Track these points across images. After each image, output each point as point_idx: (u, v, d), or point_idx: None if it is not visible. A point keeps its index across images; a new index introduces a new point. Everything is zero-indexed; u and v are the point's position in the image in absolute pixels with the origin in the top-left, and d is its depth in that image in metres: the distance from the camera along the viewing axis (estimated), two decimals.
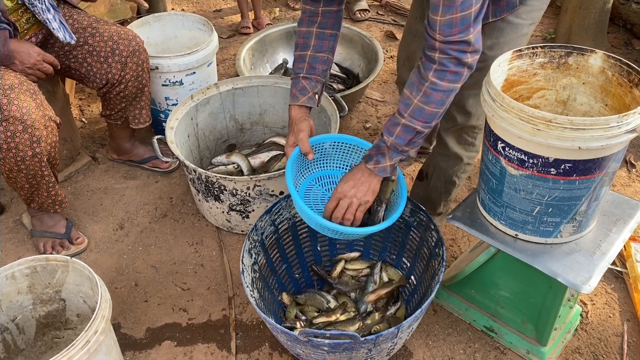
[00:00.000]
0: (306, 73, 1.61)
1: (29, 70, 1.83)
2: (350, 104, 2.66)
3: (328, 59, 1.62)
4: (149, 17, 2.56)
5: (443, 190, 1.89)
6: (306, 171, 1.67)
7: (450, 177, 1.85)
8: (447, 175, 1.85)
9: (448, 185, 1.88)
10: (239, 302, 1.88)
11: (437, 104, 1.35)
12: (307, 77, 1.61)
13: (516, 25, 1.52)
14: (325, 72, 1.63)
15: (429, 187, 1.91)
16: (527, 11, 1.51)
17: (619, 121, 1.19)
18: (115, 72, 2.04)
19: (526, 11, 1.51)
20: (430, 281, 1.61)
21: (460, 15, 1.24)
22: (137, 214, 2.23)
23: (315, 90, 1.61)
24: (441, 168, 1.84)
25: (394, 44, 3.31)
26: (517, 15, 1.50)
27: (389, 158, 1.43)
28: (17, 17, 1.85)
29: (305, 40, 1.60)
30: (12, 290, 1.52)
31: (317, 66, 1.60)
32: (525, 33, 1.55)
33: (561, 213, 1.37)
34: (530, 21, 1.54)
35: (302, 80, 1.61)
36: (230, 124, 2.41)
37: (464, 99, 1.65)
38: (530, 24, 1.55)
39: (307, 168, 1.67)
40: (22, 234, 2.13)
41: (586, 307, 1.81)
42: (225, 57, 3.25)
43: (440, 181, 1.87)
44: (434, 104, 1.35)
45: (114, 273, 1.99)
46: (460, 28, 1.25)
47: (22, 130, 1.69)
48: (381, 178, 1.47)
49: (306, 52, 1.60)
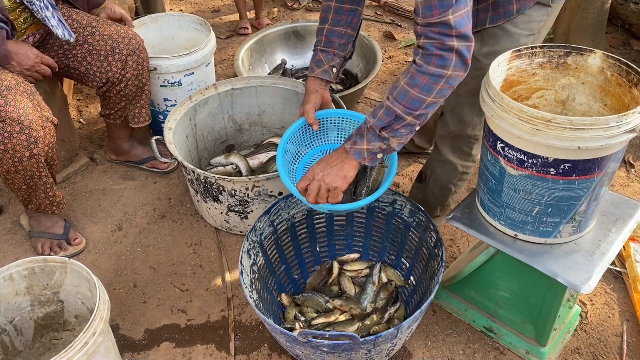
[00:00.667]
0: (323, 46, 1.64)
1: (27, 72, 1.82)
2: (349, 104, 2.65)
3: (346, 33, 1.63)
4: (146, 18, 2.55)
5: (439, 194, 1.88)
6: (313, 142, 1.72)
7: (445, 183, 1.83)
8: (443, 181, 1.83)
9: (444, 191, 1.86)
10: (238, 303, 1.88)
11: (422, 89, 1.29)
12: (324, 50, 1.64)
13: (513, 34, 1.50)
14: (344, 46, 1.65)
15: (426, 190, 1.91)
16: (525, 21, 1.49)
17: (618, 121, 1.19)
18: (115, 71, 2.03)
19: (524, 21, 1.49)
20: (429, 282, 1.61)
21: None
22: (136, 214, 2.22)
23: (331, 63, 1.64)
24: (437, 174, 1.83)
25: (393, 45, 3.31)
26: (515, 24, 1.49)
27: (367, 141, 1.38)
28: (15, 16, 1.84)
29: (325, 14, 1.63)
30: (10, 292, 1.52)
31: (334, 40, 1.63)
32: (523, 43, 1.52)
33: (560, 213, 1.36)
34: (528, 32, 1.52)
35: (319, 53, 1.65)
36: (228, 125, 2.41)
37: (459, 106, 1.63)
38: (528, 34, 1.52)
39: (315, 139, 1.71)
40: (20, 235, 2.12)
41: (585, 307, 1.81)
42: (223, 58, 3.25)
43: (437, 186, 1.86)
44: (418, 88, 1.29)
45: (112, 274, 1.98)
46: (439, 10, 1.22)
47: (19, 132, 1.68)
48: (356, 163, 1.40)
49: (324, 25, 1.64)
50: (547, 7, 1.50)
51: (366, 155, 1.39)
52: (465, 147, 1.73)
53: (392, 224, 1.79)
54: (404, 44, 3.29)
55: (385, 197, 1.76)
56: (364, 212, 1.81)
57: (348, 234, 1.88)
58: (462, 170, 1.80)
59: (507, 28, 1.50)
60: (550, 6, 1.50)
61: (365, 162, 1.41)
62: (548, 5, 1.50)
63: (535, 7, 1.48)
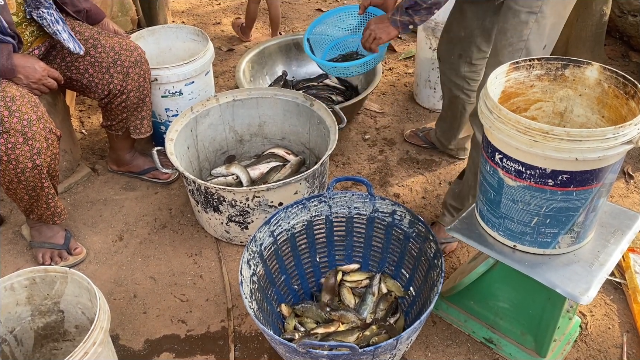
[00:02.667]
0: None
1: (34, 85, 1.84)
2: (349, 116, 2.67)
3: None
4: (143, 31, 2.58)
5: (473, 182, 1.90)
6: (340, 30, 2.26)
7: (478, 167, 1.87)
8: (477, 164, 1.85)
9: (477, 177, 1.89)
10: (238, 313, 1.88)
11: None
12: None
13: (515, 11, 1.64)
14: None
15: (462, 181, 1.97)
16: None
17: (615, 132, 1.20)
18: (117, 83, 2.05)
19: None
20: (429, 292, 1.61)
21: None
22: (137, 225, 2.23)
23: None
24: (472, 157, 1.88)
25: (393, 57, 3.33)
26: (515, 2, 1.64)
27: (400, 14, 1.80)
28: (22, 30, 1.87)
29: None
30: (10, 302, 1.52)
31: None
32: (525, 21, 1.62)
33: (559, 224, 1.37)
34: (527, 9, 1.61)
35: None
36: (229, 136, 2.42)
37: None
38: (529, 12, 1.61)
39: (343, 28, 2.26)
40: (21, 245, 2.13)
41: (585, 319, 1.81)
42: (225, 69, 3.27)
43: (472, 172, 1.89)
44: None
45: (112, 284, 1.99)
46: None
47: (22, 142, 1.70)
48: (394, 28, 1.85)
49: None
50: None
51: (399, 25, 1.83)
52: None
53: (391, 234, 1.80)
54: (404, 56, 3.32)
55: (385, 208, 1.76)
56: (363, 222, 1.82)
57: (348, 244, 1.88)
58: None
59: (510, 4, 1.64)
60: None
61: (399, 30, 1.84)
62: None
63: None
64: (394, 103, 2.92)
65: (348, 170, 2.48)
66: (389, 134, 2.70)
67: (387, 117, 2.81)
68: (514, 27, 1.65)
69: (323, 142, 2.21)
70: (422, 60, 2.75)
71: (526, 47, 1.65)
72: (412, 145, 2.61)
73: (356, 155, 2.57)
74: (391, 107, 2.89)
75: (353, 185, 2.39)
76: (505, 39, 1.68)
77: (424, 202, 2.31)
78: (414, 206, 2.29)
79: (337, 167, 2.50)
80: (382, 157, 2.55)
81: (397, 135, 2.68)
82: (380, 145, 2.63)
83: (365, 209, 1.80)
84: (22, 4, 1.84)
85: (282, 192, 1.94)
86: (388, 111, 2.86)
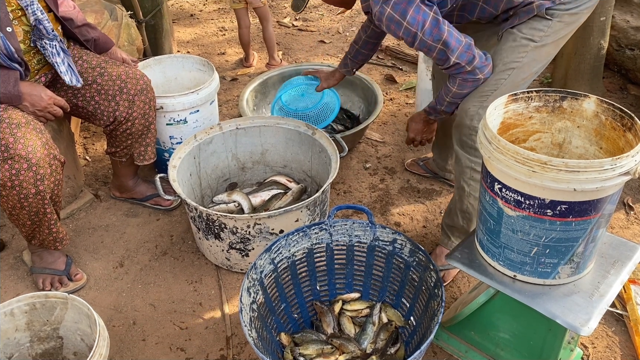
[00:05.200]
0: (352, 57, 2.33)
1: (40, 112, 1.88)
2: (351, 145, 2.70)
3: (368, 55, 2.30)
4: (150, 60, 2.63)
5: (457, 198, 1.94)
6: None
7: (459, 182, 1.90)
8: (458, 180, 1.90)
9: (460, 192, 1.92)
10: (237, 342, 1.87)
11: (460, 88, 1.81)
12: (351, 60, 2.34)
13: (515, 36, 1.74)
14: (363, 59, 2.34)
15: (450, 202, 2.01)
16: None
17: (613, 164, 1.21)
18: (122, 110, 2.08)
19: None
20: (429, 322, 1.60)
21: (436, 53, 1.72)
22: (138, 251, 2.23)
23: (353, 67, 2.38)
24: (455, 174, 1.93)
25: (394, 87, 3.38)
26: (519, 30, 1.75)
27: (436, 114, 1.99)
28: (30, 58, 1.91)
29: (357, 37, 2.26)
30: (10, 327, 1.52)
31: (359, 56, 2.32)
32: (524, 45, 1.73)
33: (558, 254, 1.38)
34: (529, 36, 1.73)
35: (347, 59, 2.35)
36: (232, 163, 2.45)
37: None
38: (529, 39, 1.73)
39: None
40: (22, 270, 2.13)
41: (587, 351, 1.79)
42: (228, 98, 3.32)
43: (456, 187, 1.93)
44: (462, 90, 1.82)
45: (112, 311, 1.98)
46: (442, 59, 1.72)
47: (26, 169, 1.72)
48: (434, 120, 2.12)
49: (356, 46, 2.27)
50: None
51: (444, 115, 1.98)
52: (466, 138, 1.81)
53: (392, 263, 1.80)
54: (405, 87, 3.36)
55: (385, 236, 1.77)
56: (364, 250, 1.82)
57: (348, 272, 1.88)
58: (469, 164, 1.84)
59: (511, 31, 1.76)
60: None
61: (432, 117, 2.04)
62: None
63: None
64: (395, 132, 2.95)
65: (349, 199, 2.49)
66: (390, 162, 2.72)
67: (388, 146, 2.84)
68: (512, 49, 1.73)
69: (324, 170, 2.23)
70: (423, 91, 2.79)
71: (519, 67, 1.73)
72: (413, 174, 2.63)
73: (357, 184, 2.59)
74: (392, 136, 2.92)
75: (354, 214, 2.40)
76: (499, 58, 1.75)
77: (425, 231, 2.31)
78: (414, 235, 2.29)
79: (339, 195, 2.52)
80: (383, 186, 2.57)
81: (398, 164, 2.71)
82: (381, 174, 2.65)
83: (365, 237, 1.80)
84: (29, 33, 1.88)
85: (283, 219, 1.95)
86: (389, 140, 2.89)
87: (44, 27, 1.87)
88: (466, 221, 1.95)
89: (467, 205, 1.92)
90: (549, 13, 1.70)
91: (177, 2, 4.70)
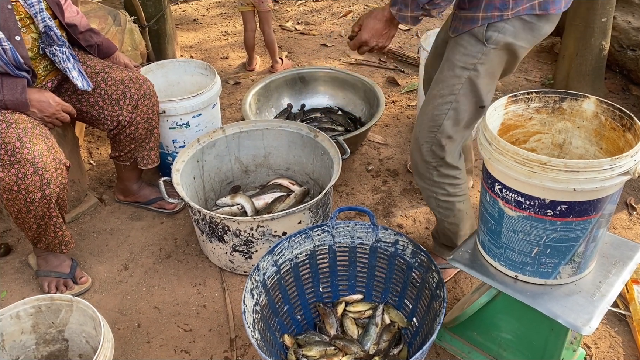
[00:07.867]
0: None
1: (47, 118, 1.90)
2: (353, 147, 2.71)
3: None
4: (152, 65, 2.65)
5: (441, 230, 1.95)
6: None
7: (432, 209, 1.90)
8: (432, 209, 1.90)
9: (436, 217, 1.93)
10: (241, 344, 1.88)
11: None
12: None
13: (451, 63, 1.62)
14: None
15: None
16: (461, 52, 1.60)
17: (612, 164, 1.22)
18: (126, 115, 2.10)
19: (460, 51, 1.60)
20: (432, 323, 1.61)
21: None
22: (142, 254, 2.25)
23: None
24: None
25: (396, 90, 3.39)
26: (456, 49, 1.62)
27: (411, 10, 1.57)
28: (36, 65, 1.93)
29: None
30: (15, 330, 1.54)
31: None
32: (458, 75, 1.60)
33: (559, 254, 1.38)
34: (462, 64, 1.59)
35: None
36: (235, 166, 2.46)
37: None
38: (462, 67, 1.59)
39: None
40: (28, 274, 2.15)
41: (590, 351, 1.80)
42: (231, 102, 3.34)
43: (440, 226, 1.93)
44: None
45: (117, 313, 2.00)
46: None
47: (32, 173, 1.73)
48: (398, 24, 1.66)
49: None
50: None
51: (409, 21, 1.61)
52: (423, 171, 1.79)
53: (394, 264, 1.81)
54: (407, 89, 3.37)
55: (387, 238, 1.78)
56: (366, 252, 1.83)
57: (351, 274, 1.89)
58: (431, 194, 1.83)
59: (453, 44, 1.63)
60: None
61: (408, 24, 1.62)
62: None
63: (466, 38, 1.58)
64: (397, 135, 2.96)
65: (351, 201, 2.50)
66: (392, 164, 2.73)
67: (390, 149, 2.85)
68: (447, 79, 1.62)
69: (327, 172, 2.24)
70: None
71: (456, 100, 1.63)
72: None
73: (360, 186, 2.60)
74: (394, 138, 2.93)
75: (356, 215, 2.41)
76: (437, 89, 1.66)
77: (427, 232, 2.32)
78: (417, 236, 2.30)
79: (341, 198, 2.53)
80: (386, 188, 2.58)
81: (400, 166, 2.71)
82: (383, 176, 2.66)
83: (368, 238, 1.81)
84: (36, 40, 1.90)
85: (286, 221, 1.96)
86: (391, 142, 2.90)
87: (54, 33, 1.90)
88: (449, 239, 1.97)
89: (445, 229, 1.93)
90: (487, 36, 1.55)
91: (180, 7, 4.73)
